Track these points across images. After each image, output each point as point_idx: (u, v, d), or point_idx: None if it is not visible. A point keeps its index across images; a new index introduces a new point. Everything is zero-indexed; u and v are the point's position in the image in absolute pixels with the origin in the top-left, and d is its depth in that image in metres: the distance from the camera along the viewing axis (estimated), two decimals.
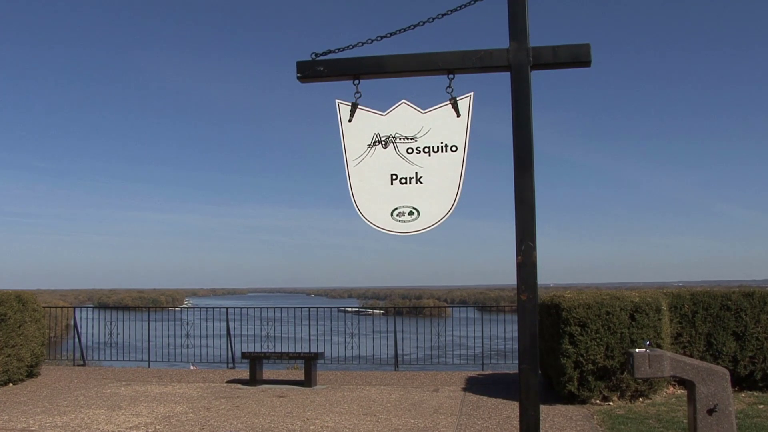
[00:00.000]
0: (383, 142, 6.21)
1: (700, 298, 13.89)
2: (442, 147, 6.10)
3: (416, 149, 6.14)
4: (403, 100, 6.27)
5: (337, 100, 6.36)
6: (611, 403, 12.78)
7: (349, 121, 6.29)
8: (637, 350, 7.75)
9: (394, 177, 6.14)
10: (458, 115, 6.11)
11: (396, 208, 6.10)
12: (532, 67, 5.95)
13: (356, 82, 6.31)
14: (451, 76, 6.13)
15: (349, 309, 34.87)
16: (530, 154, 5.84)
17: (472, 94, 6.14)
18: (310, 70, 6.36)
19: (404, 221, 6.08)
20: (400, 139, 6.19)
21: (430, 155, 6.12)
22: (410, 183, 6.11)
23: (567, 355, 12.68)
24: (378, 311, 36.22)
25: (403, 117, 6.22)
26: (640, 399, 12.96)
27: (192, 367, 20.26)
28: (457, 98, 6.14)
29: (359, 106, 6.30)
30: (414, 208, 6.07)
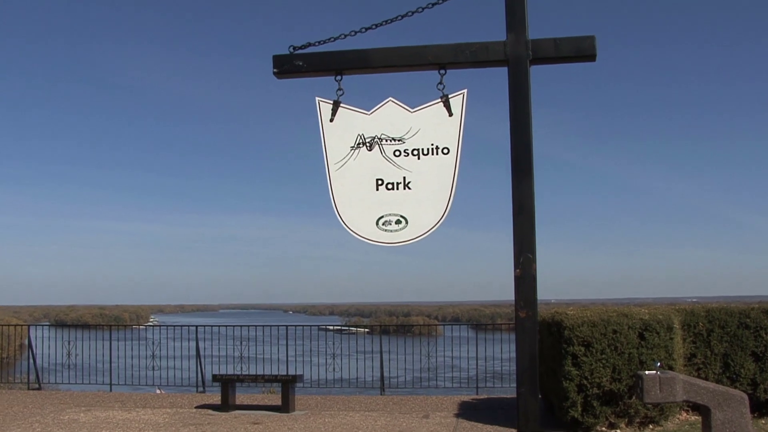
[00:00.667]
0: (368, 144, 6.20)
1: (715, 316, 13.88)
2: (432, 149, 6.09)
3: (404, 152, 6.13)
4: (390, 98, 6.25)
5: (317, 98, 6.34)
6: (618, 431, 12.79)
7: (331, 120, 6.28)
8: (646, 372, 7.75)
9: (379, 182, 6.14)
10: (450, 114, 6.11)
11: (382, 217, 6.09)
12: (532, 62, 5.95)
13: (338, 78, 6.30)
14: (442, 71, 6.13)
15: (331, 327, 34.93)
16: (529, 157, 5.84)
17: (465, 91, 6.14)
18: (288, 65, 6.35)
19: (391, 231, 6.07)
20: (386, 140, 6.17)
21: (419, 158, 6.11)
22: (397, 189, 6.09)
23: (570, 378, 12.67)
24: (362, 330, 36.21)
25: (389, 116, 6.22)
26: (650, 426, 12.97)
27: (158, 391, 20.18)
28: (449, 96, 6.13)
29: (341, 105, 6.29)
30: (402, 216, 6.06)
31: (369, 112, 6.26)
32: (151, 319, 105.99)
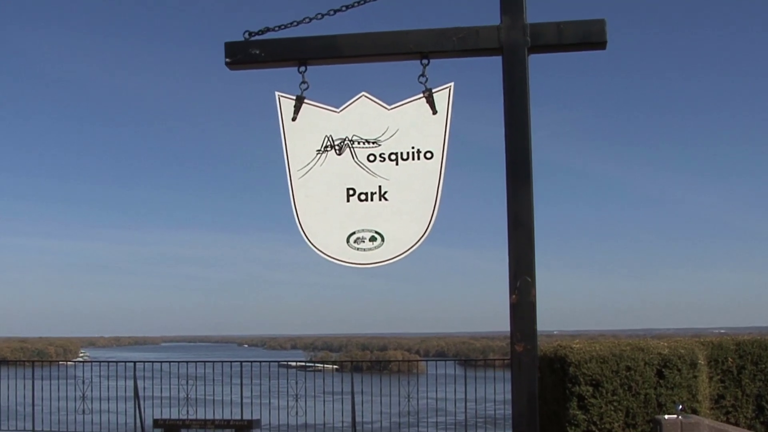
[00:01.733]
0: (337, 147, 6.18)
1: (748, 350, 13.91)
2: (413, 153, 6.08)
3: (380, 156, 6.10)
4: (363, 93, 6.24)
5: (277, 93, 6.32)
6: None
7: (293, 119, 6.25)
8: (666, 417, 7.77)
9: (351, 192, 6.11)
10: (434, 112, 6.09)
11: (354, 233, 6.06)
12: (530, 50, 5.95)
13: (302, 69, 6.27)
14: (425, 61, 6.12)
15: (293, 363, 34.86)
16: (527, 163, 5.83)
17: (452, 84, 6.12)
18: (243, 54, 6.32)
19: (364, 249, 6.04)
20: (359, 142, 6.15)
21: (397, 164, 6.08)
22: (372, 200, 6.07)
23: (575, 423, 12.67)
24: (330, 366, 36.26)
25: (362, 114, 6.19)
26: None
27: None
28: (433, 90, 6.12)
29: (306, 100, 6.27)
30: (377, 232, 6.03)
31: (338, 110, 6.22)
32: (81, 354, 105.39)
